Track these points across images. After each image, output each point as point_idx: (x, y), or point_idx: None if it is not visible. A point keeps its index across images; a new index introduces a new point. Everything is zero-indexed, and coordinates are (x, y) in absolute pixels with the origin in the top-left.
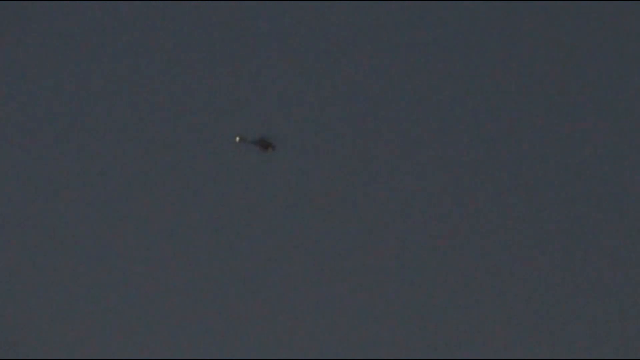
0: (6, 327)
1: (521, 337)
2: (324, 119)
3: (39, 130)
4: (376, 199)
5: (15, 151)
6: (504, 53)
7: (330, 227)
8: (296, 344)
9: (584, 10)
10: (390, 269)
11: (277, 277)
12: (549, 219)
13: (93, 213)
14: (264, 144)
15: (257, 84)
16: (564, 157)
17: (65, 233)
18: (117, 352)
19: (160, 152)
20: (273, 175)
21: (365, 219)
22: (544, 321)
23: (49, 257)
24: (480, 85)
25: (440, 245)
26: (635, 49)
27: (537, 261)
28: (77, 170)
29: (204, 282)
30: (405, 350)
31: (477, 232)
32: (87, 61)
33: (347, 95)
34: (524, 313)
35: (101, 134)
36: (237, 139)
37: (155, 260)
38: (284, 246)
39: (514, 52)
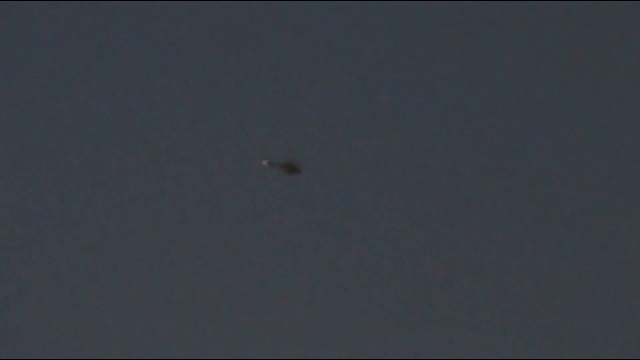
0: (6, 327)
1: (520, 337)
2: (350, 141)
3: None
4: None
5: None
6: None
7: (353, 251)
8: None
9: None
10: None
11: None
12: (550, 219)
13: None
14: (291, 168)
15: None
16: (565, 158)
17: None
18: (118, 352)
19: (182, 176)
20: (299, 199)
21: (390, 239)
22: (543, 321)
23: (50, 258)
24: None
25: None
26: (635, 49)
27: (538, 262)
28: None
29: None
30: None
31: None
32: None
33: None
34: (524, 314)
35: (122, 163)
36: (265, 162)
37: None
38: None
39: (515, 53)
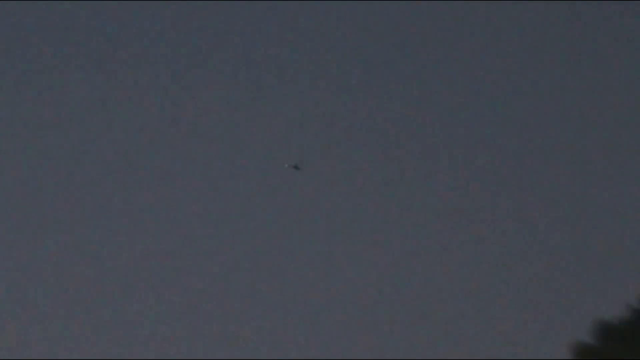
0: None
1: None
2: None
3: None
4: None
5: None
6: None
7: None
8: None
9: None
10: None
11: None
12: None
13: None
14: (296, 166)
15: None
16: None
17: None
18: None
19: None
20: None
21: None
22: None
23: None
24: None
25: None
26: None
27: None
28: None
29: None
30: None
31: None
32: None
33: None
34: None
35: (143, 164)
36: (286, 165)
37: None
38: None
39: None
